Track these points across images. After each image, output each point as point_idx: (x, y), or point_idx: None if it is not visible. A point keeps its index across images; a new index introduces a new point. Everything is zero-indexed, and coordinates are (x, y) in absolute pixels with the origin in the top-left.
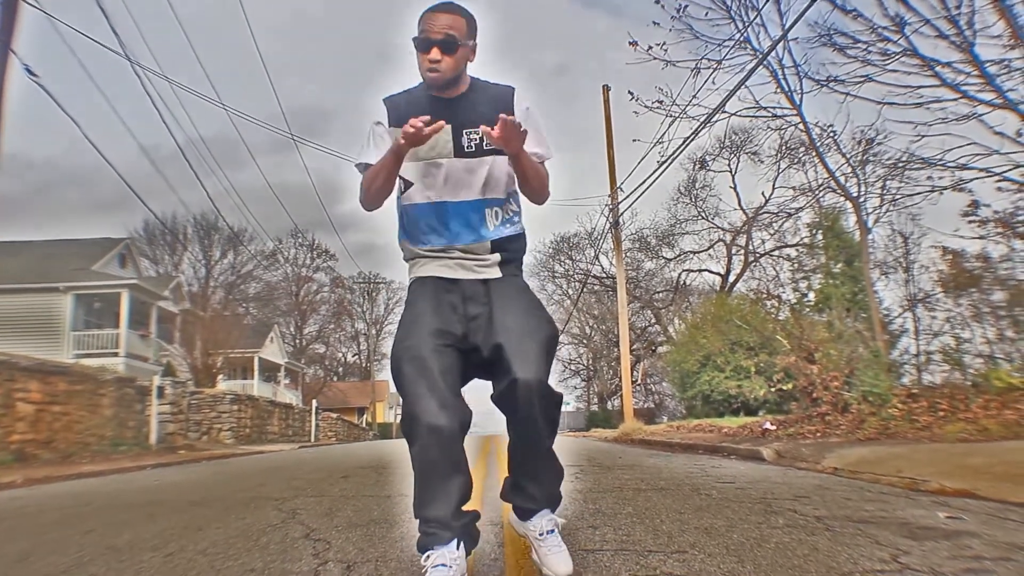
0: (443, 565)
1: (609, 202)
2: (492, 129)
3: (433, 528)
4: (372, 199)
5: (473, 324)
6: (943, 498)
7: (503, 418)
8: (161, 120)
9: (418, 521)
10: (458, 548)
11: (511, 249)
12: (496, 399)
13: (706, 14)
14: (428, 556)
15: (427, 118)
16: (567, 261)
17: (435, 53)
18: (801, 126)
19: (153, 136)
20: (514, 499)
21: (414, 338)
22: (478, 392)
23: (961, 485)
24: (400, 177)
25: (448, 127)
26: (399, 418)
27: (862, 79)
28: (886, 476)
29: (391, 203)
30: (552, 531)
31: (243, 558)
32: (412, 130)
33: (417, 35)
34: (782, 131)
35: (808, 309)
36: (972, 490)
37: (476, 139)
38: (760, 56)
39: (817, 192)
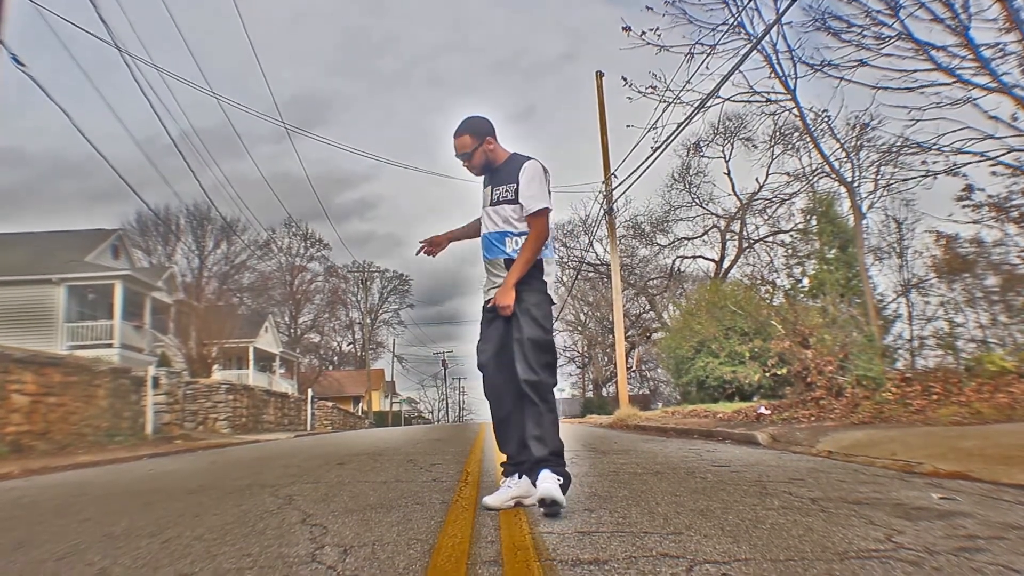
0: (507, 486)
1: (603, 189)
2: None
3: (507, 463)
4: None
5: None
6: (937, 480)
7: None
8: (152, 110)
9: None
10: (520, 478)
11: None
12: None
13: None
14: (503, 481)
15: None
16: (561, 248)
17: (463, 164)
18: (795, 111)
19: (152, 127)
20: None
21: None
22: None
23: (954, 467)
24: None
25: (491, 187)
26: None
27: (856, 63)
28: (880, 459)
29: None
30: (547, 481)
31: (240, 543)
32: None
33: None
34: (776, 116)
35: (802, 295)
36: (965, 472)
37: (498, 194)
38: (754, 41)
39: (811, 178)
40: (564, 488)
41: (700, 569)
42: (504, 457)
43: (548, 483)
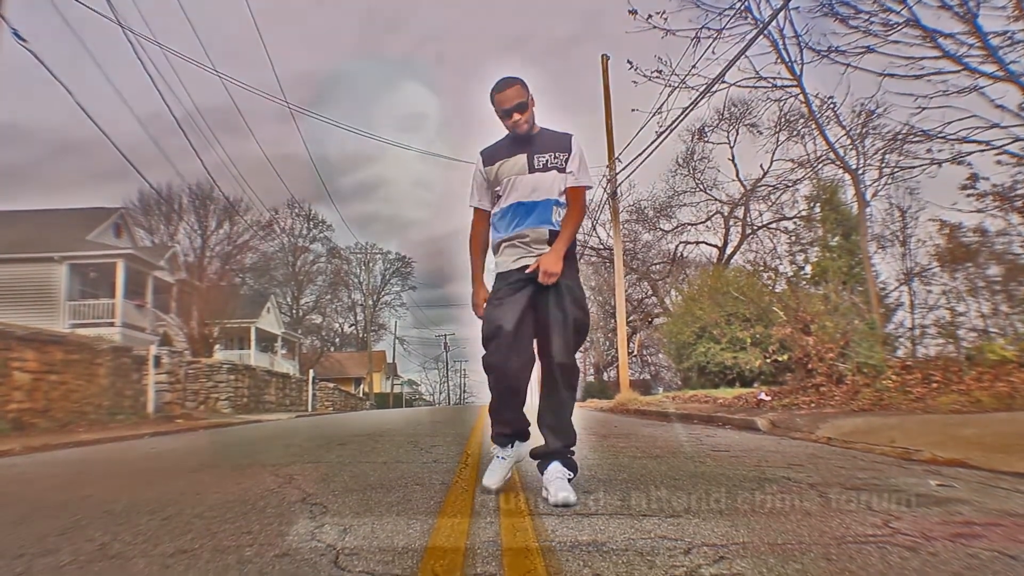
0: (500, 459)
1: (607, 173)
2: (540, 272)
3: (499, 432)
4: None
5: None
6: (935, 467)
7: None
8: (155, 88)
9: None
10: (512, 447)
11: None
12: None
13: None
14: (495, 449)
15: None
16: None
17: (516, 116)
18: (801, 97)
19: (155, 106)
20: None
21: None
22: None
23: (953, 455)
24: (495, 193)
25: (524, 155)
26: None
27: (863, 50)
28: (879, 446)
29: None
30: (560, 478)
31: (240, 521)
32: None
33: (496, 109)
34: (782, 102)
35: (805, 282)
36: (964, 460)
37: (543, 161)
38: (761, 25)
39: (816, 165)
40: (572, 480)
41: (698, 551)
42: (499, 428)
43: (559, 482)
